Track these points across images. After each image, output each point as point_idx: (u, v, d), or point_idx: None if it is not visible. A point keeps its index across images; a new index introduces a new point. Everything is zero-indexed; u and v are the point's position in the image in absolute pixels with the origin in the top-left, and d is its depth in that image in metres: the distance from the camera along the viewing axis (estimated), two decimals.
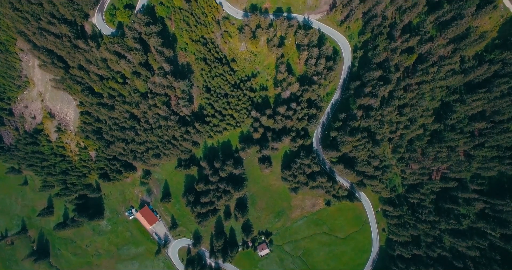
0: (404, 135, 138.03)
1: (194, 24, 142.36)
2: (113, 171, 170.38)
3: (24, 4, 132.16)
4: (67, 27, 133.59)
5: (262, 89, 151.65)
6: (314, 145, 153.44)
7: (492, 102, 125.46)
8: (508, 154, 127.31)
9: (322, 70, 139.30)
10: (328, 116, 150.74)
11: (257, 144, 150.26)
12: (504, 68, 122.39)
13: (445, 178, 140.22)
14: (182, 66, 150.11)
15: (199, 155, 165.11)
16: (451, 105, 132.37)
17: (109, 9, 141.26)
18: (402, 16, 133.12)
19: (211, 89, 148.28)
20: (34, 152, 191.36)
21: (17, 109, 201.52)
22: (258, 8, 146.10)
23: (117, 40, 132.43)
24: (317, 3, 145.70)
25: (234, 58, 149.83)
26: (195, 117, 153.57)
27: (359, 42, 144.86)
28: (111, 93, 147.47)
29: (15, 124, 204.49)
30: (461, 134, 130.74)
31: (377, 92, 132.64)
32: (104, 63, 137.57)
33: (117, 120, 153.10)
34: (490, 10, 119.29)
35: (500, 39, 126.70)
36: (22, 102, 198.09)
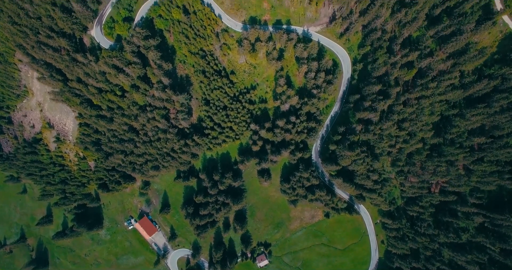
0: (403, 149, 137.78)
1: (193, 36, 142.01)
2: (112, 182, 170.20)
3: (23, 18, 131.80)
4: (66, 40, 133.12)
5: (261, 102, 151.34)
6: (313, 157, 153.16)
7: (491, 117, 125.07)
8: (507, 169, 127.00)
9: (321, 83, 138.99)
10: (327, 129, 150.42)
11: (256, 156, 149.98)
12: (504, 83, 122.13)
13: (444, 192, 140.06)
14: (181, 79, 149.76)
15: (198, 166, 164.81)
16: (450, 120, 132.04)
17: (108, 22, 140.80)
18: (402, 30, 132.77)
19: (210, 101, 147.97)
20: (33, 161, 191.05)
21: (16, 118, 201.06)
22: (257, 21, 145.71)
23: (115, 54, 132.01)
24: (316, 16, 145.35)
25: (233, 70, 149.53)
26: (194, 129, 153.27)
27: (358, 54, 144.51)
28: (110, 105, 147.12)
29: (14, 133, 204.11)
30: (460, 149, 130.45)
31: (376, 106, 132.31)
32: (103, 76, 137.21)
33: (116, 132, 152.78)
34: (489, 26, 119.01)
35: (499, 54, 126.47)
36: (21, 111, 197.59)
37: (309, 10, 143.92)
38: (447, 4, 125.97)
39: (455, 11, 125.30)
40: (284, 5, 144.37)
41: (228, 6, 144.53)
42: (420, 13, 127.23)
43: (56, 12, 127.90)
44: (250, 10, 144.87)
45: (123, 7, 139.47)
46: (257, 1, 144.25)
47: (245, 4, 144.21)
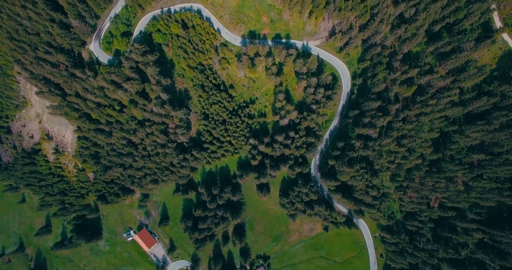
0: (402, 165, 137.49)
1: (192, 51, 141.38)
2: (111, 194, 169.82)
3: (21, 34, 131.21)
4: (64, 56, 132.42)
5: (261, 116, 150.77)
6: (312, 171, 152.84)
7: (491, 134, 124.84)
8: (507, 185, 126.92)
9: (320, 98, 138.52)
10: (327, 143, 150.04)
11: (255, 171, 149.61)
12: (503, 101, 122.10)
13: (443, 207, 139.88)
14: (179, 92, 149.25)
15: (197, 179, 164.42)
16: (450, 136, 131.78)
17: (106, 37, 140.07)
18: (401, 46, 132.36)
19: (209, 116, 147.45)
20: (32, 172, 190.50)
21: (15, 127, 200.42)
22: (257, 35, 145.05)
23: (114, 70, 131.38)
24: (316, 30, 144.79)
25: (232, 84, 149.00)
26: (193, 143, 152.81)
27: (358, 68, 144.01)
28: (108, 119, 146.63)
29: (13, 142, 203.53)
30: (459, 165, 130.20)
31: (375, 122, 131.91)
32: (101, 91, 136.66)
33: (115, 146, 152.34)
34: (488, 44, 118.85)
35: (498, 70, 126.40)
36: (20, 121, 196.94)
37: (308, 24, 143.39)
38: (447, 20, 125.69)
39: (455, 28, 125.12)
40: (283, 19, 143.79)
41: (227, 20, 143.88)
42: (420, 30, 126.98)
43: (55, 29, 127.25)
44: (249, 24, 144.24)
45: (121, 22, 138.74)
46: (256, 15, 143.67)
47: (244, 18, 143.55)
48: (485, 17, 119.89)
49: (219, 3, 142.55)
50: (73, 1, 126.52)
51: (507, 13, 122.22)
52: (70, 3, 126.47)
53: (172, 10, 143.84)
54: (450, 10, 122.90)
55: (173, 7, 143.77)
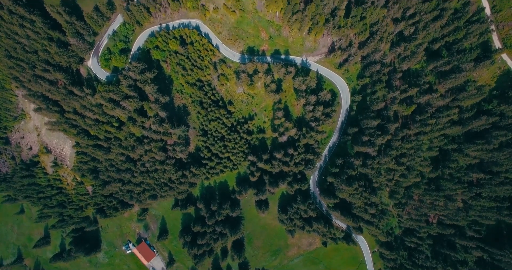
0: (401, 183, 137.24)
1: (190, 67, 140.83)
2: (110, 208, 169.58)
3: (20, 52, 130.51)
4: (62, 74, 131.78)
5: (259, 131, 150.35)
6: (311, 187, 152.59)
7: (490, 153, 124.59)
8: (506, 204, 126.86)
9: (320, 116, 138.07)
10: (326, 159, 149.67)
11: (254, 187, 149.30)
12: (502, 120, 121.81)
13: (442, 224, 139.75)
14: (178, 108, 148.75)
15: (196, 193, 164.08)
16: (449, 154, 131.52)
17: (104, 54, 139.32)
18: (401, 63, 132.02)
19: (208, 132, 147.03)
20: (30, 184, 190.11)
21: (14, 138, 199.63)
22: (256, 51, 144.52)
23: (112, 88, 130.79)
24: (315, 45, 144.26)
25: (231, 100, 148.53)
26: (192, 159, 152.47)
27: (357, 85, 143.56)
28: (107, 136, 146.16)
29: (11, 153, 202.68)
30: (459, 184, 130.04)
31: (374, 141, 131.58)
32: (99, 108, 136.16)
33: (113, 162, 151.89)
34: (487, 65, 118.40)
35: (498, 89, 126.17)
36: (18, 132, 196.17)
37: (307, 40, 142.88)
38: (446, 39, 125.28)
39: (454, 46, 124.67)
40: (282, 35, 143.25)
41: (225, 36, 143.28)
42: (419, 48, 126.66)
43: (52, 47, 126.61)
44: (248, 40, 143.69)
45: (119, 39, 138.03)
46: (255, 31, 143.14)
47: (243, 35, 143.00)
48: (484, 38, 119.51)
49: (218, 19, 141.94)
50: (70, 19, 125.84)
51: (505, 33, 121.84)
52: (68, 22, 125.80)
53: (170, 26, 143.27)
54: (450, 29, 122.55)
55: (171, 23, 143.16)
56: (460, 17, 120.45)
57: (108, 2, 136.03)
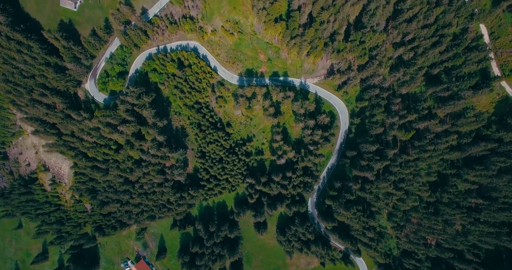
0: (399, 206, 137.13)
1: (188, 90, 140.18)
2: (108, 227, 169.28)
3: (17, 77, 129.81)
4: (60, 98, 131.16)
5: (258, 153, 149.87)
6: (309, 208, 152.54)
7: (489, 179, 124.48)
8: (505, 230, 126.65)
9: (318, 139, 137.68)
10: (324, 181, 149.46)
11: (252, 208, 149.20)
12: (501, 147, 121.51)
13: (441, 247, 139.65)
14: (176, 130, 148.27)
15: (195, 213, 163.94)
16: (448, 179, 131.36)
17: (102, 77, 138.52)
18: (400, 88, 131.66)
19: (206, 154, 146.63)
20: (28, 201, 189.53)
21: (12, 153, 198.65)
22: (254, 73, 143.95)
23: (109, 113, 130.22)
24: (314, 67, 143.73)
25: (229, 121, 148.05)
26: (190, 180, 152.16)
27: (356, 107, 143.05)
28: (105, 157, 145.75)
29: (9, 168, 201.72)
30: (457, 209, 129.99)
31: (373, 165, 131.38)
32: (97, 132, 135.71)
33: (112, 183, 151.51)
34: (486, 92, 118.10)
35: (496, 115, 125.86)
36: (16, 147, 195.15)
37: (306, 62, 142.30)
38: (445, 64, 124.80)
39: (453, 72, 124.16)
40: (281, 57, 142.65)
41: (224, 58, 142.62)
42: (419, 74, 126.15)
43: (50, 73, 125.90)
44: (247, 63, 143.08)
45: (117, 62, 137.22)
46: (253, 53, 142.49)
47: (241, 57, 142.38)
48: (482, 65, 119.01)
49: (216, 41, 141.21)
50: (68, 44, 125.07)
51: (504, 60, 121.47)
52: (65, 47, 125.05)
53: (168, 48, 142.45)
54: (449, 56, 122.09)
55: (169, 44, 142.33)
56: (459, 44, 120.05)
57: (105, 25, 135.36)
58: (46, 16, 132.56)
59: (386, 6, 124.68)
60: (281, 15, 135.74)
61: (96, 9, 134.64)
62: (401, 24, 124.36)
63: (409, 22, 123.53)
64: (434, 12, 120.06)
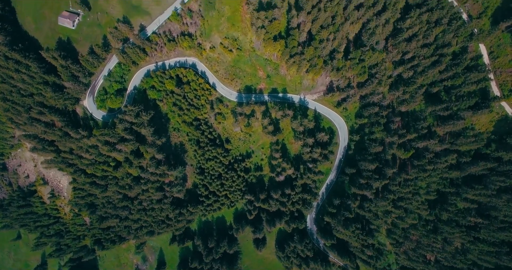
0: (398, 224, 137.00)
1: (187, 107, 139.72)
2: (108, 241, 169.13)
3: (15, 96, 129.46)
4: (58, 116, 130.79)
5: (257, 169, 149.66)
6: (308, 224, 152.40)
7: (488, 198, 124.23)
8: (505, 249, 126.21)
9: (317, 157, 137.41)
10: (323, 197, 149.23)
11: (251, 224, 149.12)
12: (500, 166, 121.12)
13: (440, 264, 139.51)
14: (175, 146, 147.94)
15: (194, 227, 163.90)
16: (447, 198, 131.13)
17: (100, 95, 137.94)
18: (399, 106, 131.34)
19: (205, 170, 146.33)
20: (27, 213, 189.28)
21: (11, 165, 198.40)
22: (253, 89, 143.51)
23: (107, 132, 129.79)
24: (313, 84, 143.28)
25: (228, 137, 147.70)
26: (189, 195, 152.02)
27: (355, 123, 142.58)
28: (104, 174, 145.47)
29: (8, 179, 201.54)
30: (457, 228, 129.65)
31: (372, 184, 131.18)
32: (96, 149, 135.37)
33: (110, 199, 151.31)
34: (486, 112, 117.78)
35: (496, 134, 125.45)
36: (15, 159, 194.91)
37: (306, 79, 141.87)
38: (445, 83, 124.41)
39: (453, 91, 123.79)
40: (280, 74, 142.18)
41: (222, 75, 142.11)
42: (418, 92, 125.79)
43: (48, 92, 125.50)
44: (245, 79, 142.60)
45: (115, 79, 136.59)
46: (252, 70, 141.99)
47: (240, 73, 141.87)
48: (482, 85, 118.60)
49: (215, 58, 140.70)
50: (66, 63, 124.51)
51: (503, 79, 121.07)
52: (63, 66, 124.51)
53: (166, 64, 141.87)
54: (448, 75, 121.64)
55: (168, 61, 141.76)
56: (458, 64, 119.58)
57: (103, 42, 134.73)
58: (44, 34, 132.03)
59: (386, 25, 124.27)
60: (280, 32, 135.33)
61: (94, 27, 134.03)
62: (400, 43, 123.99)
63: (409, 41, 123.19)
64: (433, 32, 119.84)
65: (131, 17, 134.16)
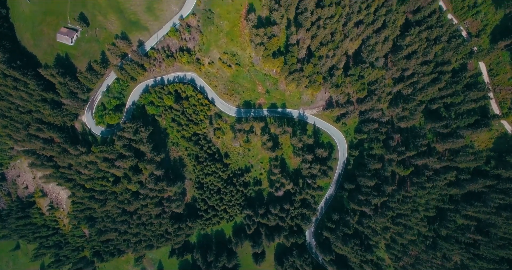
0: (397, 240, 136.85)
1: (185, 123, 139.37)
2: (107, 253, 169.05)
3: (13, 113, 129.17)
4: (56, 133, 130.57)
5: (256, 183, 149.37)
6: (307, 238, 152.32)
7: (488, 215, 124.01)
8: (505, 267, 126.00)
9: (316, 173, 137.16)
10: (322, 211, 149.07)
11: (250, 239, 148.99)
12: (500, 184, 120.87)
13: None
14: (174, 161, 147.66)
15: (193, 240, 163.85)
16: (446, 214, 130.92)
17: (99, 110, 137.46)
18: (399, 122, 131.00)
19: (204, 185, 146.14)
20: (26, 224, 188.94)
21: (10, 175, 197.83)
22: (252, 104, 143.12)
23: (106, 149, 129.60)
24: (312, 99, 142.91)
25: (227, 152, 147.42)
26: (188, 209, 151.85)
27: (355, 138, 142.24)
28: (102, 189, 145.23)
29: (7, 189, 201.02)
30: (456, 244, 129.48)
31: (371, 200, 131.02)
32: (94, 165, 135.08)
33: (109, 213, 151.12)
34: (485, 131, 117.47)
35: (495, 151, 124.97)
36: (14, 169, 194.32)
37: (305, 94, 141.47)
38: (445, 100, 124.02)
39: (452, 108, 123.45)
40: (279, 89, 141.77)
41: (221, 90, 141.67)
42: (418, 109, 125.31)
43: (46, 109, 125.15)
44: (244, 94, 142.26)
45: (113, 95, 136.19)
46: (251, 85, 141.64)
47: (239, 88, 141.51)
48: (482, 103, 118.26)
49: (213, 73, 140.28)
50: (64, 80, 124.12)
51: (502, 97, 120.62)
52: (61, 83, 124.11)
53: (165, 79, 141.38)
54: (448, 93, 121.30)
55: (167, 76, 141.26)
56: (458, 82, 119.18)
57: (102, 58, 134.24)
58: (42, 50, 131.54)
59: (385, 42, 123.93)
60: (280, 48, 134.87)
61: (93, 42, 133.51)
62: (400, 60, 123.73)
63: (408, 58, 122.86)
64: (433, 49, 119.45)
65: (130, 33, 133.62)
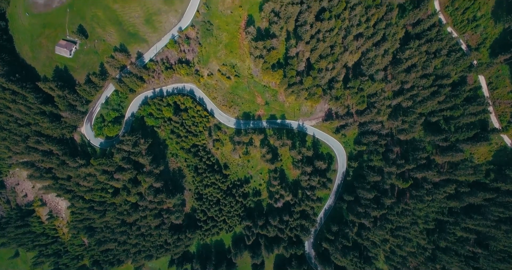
0: (396, 252, 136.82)
1: (184, 134, 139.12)
2: (106, 263, 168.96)
3: (12, 126, 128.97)
4: (55, 145, 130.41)
5: (255, 194, 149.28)
6: (306, 248, 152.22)
7: (487, 228, 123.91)
8: None
9: (315, 184, 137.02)
10: (321, 221, 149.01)
11: (249, 249, 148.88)
12: (499, 197, 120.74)
13: None
14: (173, 172, 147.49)
15: (193, 250, 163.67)
16: (446, 227, 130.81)
17: (98, 122, 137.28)
18: (398, 135, 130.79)
19: (203, 196, 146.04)
20: (25, 233, 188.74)
21: (9, 183, 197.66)
22: (251, 116, 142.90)
23: (105, 161, 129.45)
24: (312, 110, 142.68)
25: (227, 163, 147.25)
26: (188, 220, 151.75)
27: (354, 149, 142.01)
28: (102, 200, 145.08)
29: (6, 197, 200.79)
30: (455, 257, 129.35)
31: (370, 212, 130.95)
32: (94, 177, 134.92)
33: (109, 224, 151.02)
34: (485, 144, 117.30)
35: (494, 164, 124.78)
36: (13, 177, 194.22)
37: (304, 105, 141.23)
38: (444, 113, 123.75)
39: (452, 122, 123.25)
40: (278, 100, 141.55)
41: (220, 102, 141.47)
42: (417, 122, 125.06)
43: (45, 122, 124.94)
44: (244, 106, 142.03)
45: (112, 107, 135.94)
46: (250, 97, 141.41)
47: (238, 100, 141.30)
48: (481, 116, 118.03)
49: (212, 85, 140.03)
50: (63, 93, 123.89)
51: (502, 110, 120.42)
52: (60, 96, 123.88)
53: (164, 90, 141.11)
54: (448, 106, 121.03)
55: (165, 87, 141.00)
56: (457, 95, 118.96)
57: (100, 70, 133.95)
58: (41, 62, 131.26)
59: (385, 55, 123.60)
60: (279, 60, 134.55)
61: (91, 54, 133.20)
62: (399, 73, 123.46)
63: (408, 72, 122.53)
64: (432, 63, 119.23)
65: (128, 45, 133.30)
